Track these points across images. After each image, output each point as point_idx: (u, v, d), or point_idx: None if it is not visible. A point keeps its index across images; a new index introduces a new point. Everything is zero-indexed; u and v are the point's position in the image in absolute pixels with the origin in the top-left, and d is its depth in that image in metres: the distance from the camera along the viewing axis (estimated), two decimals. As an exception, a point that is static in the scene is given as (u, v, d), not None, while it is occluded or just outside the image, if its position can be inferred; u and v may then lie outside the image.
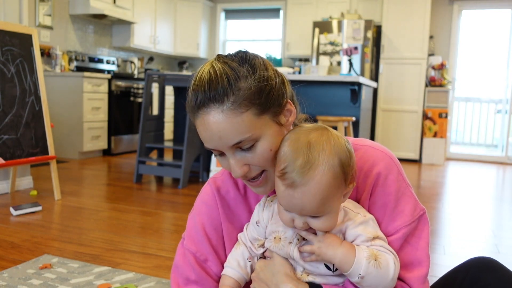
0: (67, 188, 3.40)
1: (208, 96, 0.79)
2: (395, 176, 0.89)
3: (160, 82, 4.13)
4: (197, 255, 0.96)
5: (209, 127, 0.80)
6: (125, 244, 2.23)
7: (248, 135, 0.80)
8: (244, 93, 0.78)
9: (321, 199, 0.75)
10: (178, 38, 7.03)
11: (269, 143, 0.82)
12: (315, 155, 0.76)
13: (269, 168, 0.84)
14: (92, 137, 4.96)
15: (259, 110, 0.80)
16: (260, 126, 0.81)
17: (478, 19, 6.16)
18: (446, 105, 5.78)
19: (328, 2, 6.28)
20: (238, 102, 0.78)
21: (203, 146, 3.91)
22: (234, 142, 0.80)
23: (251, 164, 0.83)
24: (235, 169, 0.83)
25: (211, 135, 0.80)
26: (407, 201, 0.89)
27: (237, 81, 0.79)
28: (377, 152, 0.91)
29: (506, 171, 5.40)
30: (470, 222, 2.97)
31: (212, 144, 0.82)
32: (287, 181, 0.76)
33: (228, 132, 0.79)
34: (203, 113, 0.80)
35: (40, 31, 4.90)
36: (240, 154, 0.83)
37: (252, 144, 0.81)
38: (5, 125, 2.81)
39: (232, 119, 0.78)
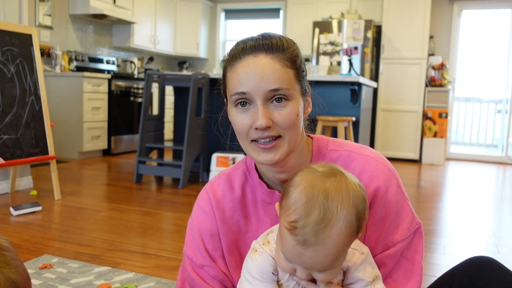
0: (67, 188, 3.40)
1: (260, 44, 0.84)
2: (394, 190, 0.89)
3: (160, 82, 4.13)
4: (193, 260, 0.97)
5: (254, 67, 0.82)
6: (125, 244, 2.23)
7: (286, 86, 0.83)
8: (292, 54, 0.86)
9: (334, 258, 0.72)
10: (178, 38, 7.03)
11: (297, 108, 0.85)
12: (333, 210, 0.70)
13: (286, 135, 0.85)
14: (92, 137, 4.96)
15: (298, 76, 0.86)
16: (296, 89, 0.86)
17: (478, 19, 6.16)
18: (446, 105, 5.78)
19: (328, 2, 6.28)
20: (287, 56, 0.84)
21: (203, 146, 3.92)
22: (273, 87, 0.82)
23: (274, 123, 0.83)
24: (261, 117, 0.82)
25: (254, 75, 0.82)
26: (405, 215, 0.90)
27: (288, 46, 0.86)
28: (378, 164, 0.91)
29: (506, 171, 5.40)
30: (470, 222, 2.97)
31: (250, 85, 0.82)
32: (298, 237, 0.70)
33: (272, 75, 0.82)
34: (250, 57, 0.84)
35: (40, 31, 4.90)
36: (268, 108, 0.83)
37: (285, 99, 0.83)
38: (5, 125, 2.81)
39: (280, 67, 0.83)
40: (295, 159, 0.91)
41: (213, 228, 0.97)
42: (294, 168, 0.91)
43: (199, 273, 0.96)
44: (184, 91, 4.22)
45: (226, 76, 0.88)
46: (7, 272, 0.75)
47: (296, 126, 0.85)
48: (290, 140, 0.86)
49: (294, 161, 0.91)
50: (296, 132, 0.86)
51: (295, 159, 0.91)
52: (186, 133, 3.65)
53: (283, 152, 0.85)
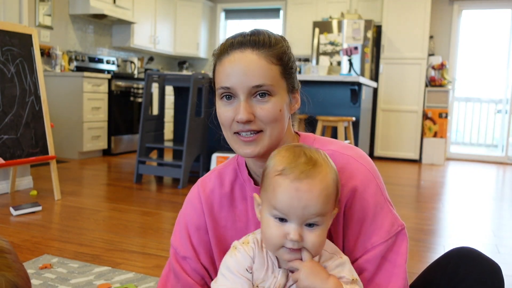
0: (67, 188, 3.40)
1: (248, 40, 0.86)
2: (373, 191, 0.89)
3: (160, 82, 4.13)
4: (177, 251, 1.00)
5: (239, 62, 0.84)
6: (125, 244, 2.23)
7: (270, 82, 0.84)
8: (279, 51, 0.87)
9: (325, 197, 0.76)
10: (178, 38, 7.03)
11: (280, 104, 0.86)
12: (315, 156, 0.79)
13: (268, 130, 0.86)
14: (92, 137, 4.96)
15: (284, 72, 0.87)
16: (280, 85, 0.87)
17: (478, 19, 6.16)
18: (446, 105, 5.78)
19: (328, 2, 6.28)
20: (274, 53, 0.86)
21: (203, 146, 3.92)
22: (256, 83, 0.84)
23: (256, 117, 0.85)
24: (243, 111, 0.84)
25: (238, 70, 0.84)
26: (385, 216, 0.88)
27: (276, 42, 0.87)
28: (357, 164, 0.90)
29: (506, 171, 5.40)
30: (470, 222, 2.97)
31: (233, 80, 0.84)
32: (293, 174, 0.76)
33: (256, 71, 0.84)
34: (237, 52, 0.86)
35: (40, 31, 4.90)
36: (251, 102, 0.85)
37: (268, 94, 0.85)
38: (5, 125, 2.81)
39: (264, 63, 0.84)
40: None
41: (200, 222, 1.00)
42: None
43: (181, 264, 0.99)
44: (184, 91, 4.22)
45: (215, 70, 0.90)
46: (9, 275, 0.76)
47: (279, 121, 0.86)
48: (272, 134, 0.87)
49: None
50: (279, 127, 0.87)
51: None
52: (186, 133, 3.65)
53: (263, 145, 0.87)
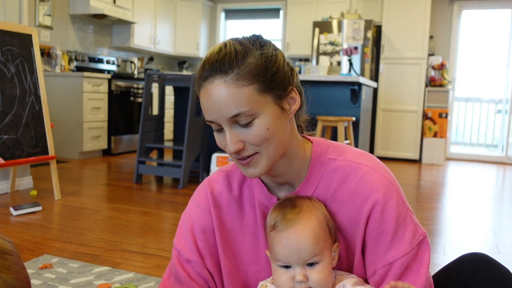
0: (67, 188, 3.40)
1: (214, 67, 0.81)
2: (395, 202, 0.86)
3: (160, 82, 4.13)
4: (180, 253, 0.97)
5: (211, 97, 0.81)
6: (125, 244, 2.23)
7: (246, 108, 0.79)
8: (249, 68, 0.80)
9: (313, 238, 0.82)
10: (178, 38, 7.03)
11: (266, 122, 0.81)
12: (300, 204, 0.86)
13: (262, 150, 0.83)
14: (92, 137, 4.96)
15: (261, 87, 0.81)
16: (260, 103, 0.81)
17: (478, 19, 6.16)
18: (446, 105, 5.78)
19: (328, 2, 6.28)
20: (241, 74, 0.79)
21: (203, 146, 3.92)
22: (232, 114, 0.80)
23: (246, 142, 0.82)
24: (229, 143, 0.82)
25: (212, 105, 0.81)
26: (407, 228, 0.86)
27: (245, 57, 0.81)
28: (377, 175, 0.88)
29: (506, 171, 5.40)
30: (470, 222, 2.97)
31: (212, 115, 0.82)
32: (280, 226, 0.84)
33: (228, 103, 0.79)
34: (208, 83, 0.82)
35: (40, 31, 4.90)
36: (236, 130, 0.82)
37: (249, 120, 0.81)
38: (5, 125, 2.81)
39: (234, 90, 0.79)
40: (287, 163, 0.90)
41: (206, 224, 0.96)
42: (288, 172, 0.91)
43: (184, 267, 0.96)
44: (184, 91, 4.22)
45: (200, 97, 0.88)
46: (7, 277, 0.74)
47: (271, 139, 0.82)
48: (269, 153, 0.83)
49: (286, 165, 0.90)
50: (275, 144, 0.83)
51: (287, 163, 0.90)
52: (186, 133, 3.65)
53: (263, 166, 0.85)
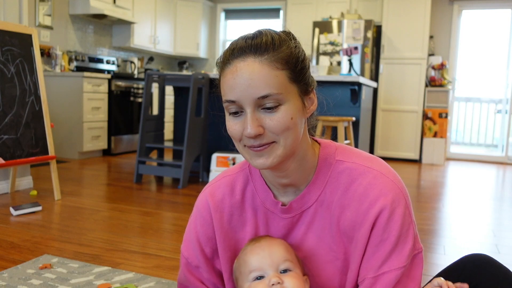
0: (67, 188, 3.40)
1: (249, 45, 0.80)
2: (402, 211, 0.83)
3: (160, 82, 4.13)
4: (188, 261, 0.98)
5: (241, 74, 0.78)
6: (125, 244, 2.23)
7: (276, 91, 0.78)
8: (284, 55, 0.80)
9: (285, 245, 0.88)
10: (178, 38, 7.03)
11: (291, 111, 0.80)
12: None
13: (281, 140, 0.81)
14: (92, 137, 4.96)
15: (292, 76, 0.81)
16: (289, 91, 0.80)
17: (478, 19, 6.16)
18: (446, 105, 5.78)
19: (328, 2, 6.28)
20: (276, 57, 0.79)
21: (203, 146, 3.91)
22: (261, 94, 0.78)
23: (266, 129, 0.80)
24: (249, 126, 0.78)
25: (241, 82, 0.78)
26: (407, 241, 0.83)
27: (281, 44, 0.81)
28: (387, 181, 0.85)
29: (506, 171, 5.40)
30: (470, 222, 2.97)
31: (237, 93, 0.79)
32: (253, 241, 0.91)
33: (260, 81, 0.78)
34: (239, 61, 0.79)
35: (40, 31, 4.90)
36: (259, 114, 0.80)
37: (276, 105, 0.79)
38: (5, 125, 2.81)
39: (268, 71, 0.78)
40: (297, 164, 0.87)
41: (210, 232, 0.97)
42: (296, 173, 0.88)
43: (194, 273, 0.97)
44: (184, 91, 4.22)
45: (220, 81, 0.85)
46: None
47: (292, 129, 0.80)
48: (286, 144, 0.81)
49: (295, 166, 0.87)
50: (293, 136, 0.81)
51: (296, 164, 0.87)
52: (186, 133, 3.65)
53: (276, 156, 0.81)
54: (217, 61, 0.86)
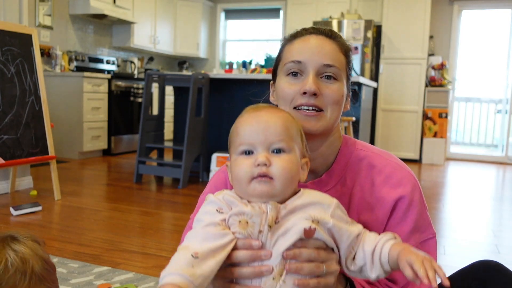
0: (67, 188, 3.40)
1: (323, 29, 0.92)
2: (418, 199, 0.91)
3: (160, 82, 4.13)
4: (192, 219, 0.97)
5: (313, 41, 0.88)
6: (125, 244, 2.23)
7: (339, 66, 0.88)
8: (346, 46, 0.93)
9: (285, 122, 0.77)
10: (178, 38, 7.03)
11: (343, 90, 0.90)
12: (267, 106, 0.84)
13: (328, 111, 0.88)
14: (92, 137, 4.96)
15: (346, 65, 0.92)
16: (344, 74, 0.90)
17: (478, 19, 6.16)
18: (446, 105, 5.78)
19: (328, 2, 6.28)
20: (342, 44, 0.91)
21: (203, 146, 3.91)
22: (328, 62, 0.87)
23: (322, 94, 0.87)
24: (311, 83, 0.85)
25: (311, 49, 0.87)
26: (422, 224, 0.92)
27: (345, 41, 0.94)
28: (405, 172, 0.93)
29: (506, 171, 5.40)
30: (470, 222, 2.97)
31: (305, 56, 0.87)
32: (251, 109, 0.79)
33: (328, 53, 0.88)
34: (312, 36, 0.90)
35: (40, 31, 4.90)
36: (319, 81, 0.87)
37: (334, 77, 0.88)
38: (5, 125, 2.81)
39: (335, 49, 0.89)
40: (325, 148, 0.93)
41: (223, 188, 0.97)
42: (322, 157, 0.93)
43: None
44: (184, 91, 4.22)
45: (282, 51, 0.93)
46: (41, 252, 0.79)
47: (339, 106, 0.89)
48: (331, 117, 0.88)
49: (324, 149, 0.93)
50: (337, 112, 0.89)
51: (325, 148, 0.93)
52: (186, 133, 3.65)
53: (322, 125, 0.87)
54: (283, 37, 0.95)
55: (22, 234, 0.80)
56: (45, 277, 0.77)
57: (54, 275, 0.81)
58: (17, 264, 0.74)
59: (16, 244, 0.77)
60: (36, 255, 0.77)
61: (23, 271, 0.74)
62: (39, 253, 0.78)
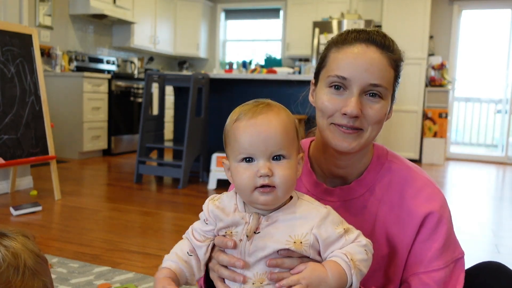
0: (67, 188, 3.40)
1: (374, 37, 0.84)
2: (448, 217, 0.90)
3: (160, 82, 4.13)
4: None
5: (363, 56, 0.82)
6: (125, 244, 2.23)
7: (386, 85, 0.83)
8: (398, 57, 0.87)
9: (284, 128, 0.75)
10: (178, 38, 7.03)
11: (386, 108, 0.86)
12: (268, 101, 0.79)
13: (369, 130, 0.85)
14: (92, 137, 4.96)
15: (395, 79, 0.87)
16: (390, 90, 0.86)
17: (478, 19, 6.16)
18: (446, 105, 5.78)
19: (328, 2, 6.28)
20: (395, 57, 0.85)
21: (203, 146, 3.91)
22: (375, 82, 0.82)
23: (363, 115, 0.83)
24: (354, 106, 0.81)
25: (360, 63, 0.82)
26: (451, 242, 0.89)
27: (397, 49, 0.87)
28: (436, 189, 0.91)
29: (506, 171, 5.40)
30: (470, 222, 2.97)
31: (351, 72, 0.82)
32: (248, 115, 0.76)
33: (377, 70, 0.82)
34: (363, 46, 0.83)
35: (40, 31, 4.90)
36: (362, 99, 0.83)
37: (380, 96, 0.84)
38: (5, 125, 2.81)
39: (386, 64, 0.84)
40: (358, 158, 0.91)
41: None
42: (353, 167, 0.91)
43: None
44: (184, 91, 4.22)
45: (328, 56, 0.87)
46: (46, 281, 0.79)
47: (380, 125, 0.86)
48: (370, 136, 0.85)
49: (356, 160, 0.91)
50: (377, 131, 0.86)
51: (358, 158, 0.91)
52: (186, 133, 3.65)
53: (359, 144, 0.85)
54: (332, 38, 0.90)
55: (11, 230, 0.80)
56: (38, 271, 0.78)
57: (47, 268, 0.81)
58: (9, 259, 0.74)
59: (6, 239, 0.77)
60: (27, 250, 0.77)
61: (16, 266, 0.74)
62: (30, 247, 0.78)
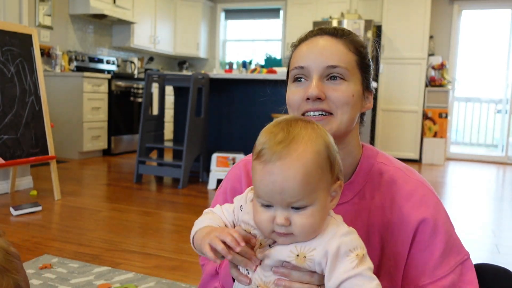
0: (67, 188, 3.40)
1: (328, 28, 0.88)
2: (444, 220, 0.86)
3: (160, 82, 4.13)
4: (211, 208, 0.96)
5: (316, 45, 0.85)
6: (125, 244, 2.23)
7: (345, 65, 0.83)
8: (356, 40, 0.87)
9: (304, 177, 0.66)
10: (178, 38, 7.03)
11: (353, 90, 0.84)
12: (296, 130, 0.69)
13: (338, 114, 0.83)
14: (92, 137, 4.96)
15: (359, 63, 0.86)
16: (354, 73, 0.85)
17: (478, 19, 6.16)
18: (446, 105, 5.78)
19: (328, 2, 6.28)
20: (349, 40, 0.86)
21: (203, 146, 3.91)
22: (331, 64, 0.83)
23: (327, 98, 0.83)
24: (313, 87, 0.82)
25: (313, 51, 0.84)
26: (453, 245, 0.86)
27: (355, 35, 0.88)
28: (427, 190, 0.89)
29: (506, 171, 5.40)
30: (470, 222, 2.97)
31: (308, 61, 0.84)
32: (265, 156, 0.67)
33: (332, 53, 0.83)
34: (316, 37, 0.87)
35: (40, 31, 4.89)
36: (324, 84, 0.84)
37: (341, 78, 0.83)
38: (5, 125, 2.81)
39: (341, 47, 0.84)
40: (343, 157, 0.83)
41: (236, 185, 0.98)
42: None
43: None
44: (184, 91, 4.22)
45: (290, 58, 0.90)
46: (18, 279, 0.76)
47: (350, 106, 0.83)
48: (342, 120, 0.83)
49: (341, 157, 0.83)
50: (350, 113, 0.83)
51: (343, 156, 0.82)
52: (186, 133, 3.65)
53: (331, 129, 0.82)
54: (292, 43, 0.92)
55: None
56: (8, 268, 0.76)
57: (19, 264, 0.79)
58: None
59: None
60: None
61: None
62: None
